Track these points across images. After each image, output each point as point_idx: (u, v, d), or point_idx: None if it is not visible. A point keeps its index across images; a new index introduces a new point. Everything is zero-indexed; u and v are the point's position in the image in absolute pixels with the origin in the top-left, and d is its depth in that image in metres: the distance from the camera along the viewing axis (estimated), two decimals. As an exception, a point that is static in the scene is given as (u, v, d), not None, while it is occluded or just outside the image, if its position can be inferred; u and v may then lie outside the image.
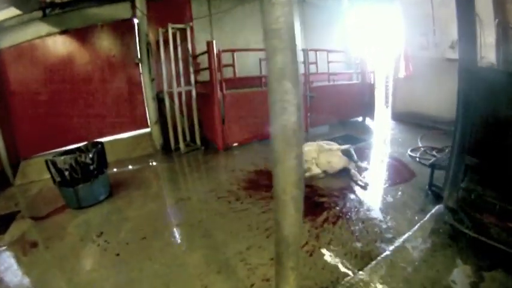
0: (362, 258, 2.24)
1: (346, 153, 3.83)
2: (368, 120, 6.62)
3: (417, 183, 3.47)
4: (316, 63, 5.89)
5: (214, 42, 4.55)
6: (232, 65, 4.95)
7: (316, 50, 5.84)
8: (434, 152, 4.28)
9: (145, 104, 5.01)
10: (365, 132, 5.92)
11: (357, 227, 2.65)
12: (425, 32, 5.33)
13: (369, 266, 2.07)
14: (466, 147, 2.50)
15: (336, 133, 5.77)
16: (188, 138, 5.28)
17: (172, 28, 4.61)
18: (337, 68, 7.06)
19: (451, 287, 1.85)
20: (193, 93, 4.98)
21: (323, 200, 3.15)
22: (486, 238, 2.17)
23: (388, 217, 2.79)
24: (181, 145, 4.98)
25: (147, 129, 5.08)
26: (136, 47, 4.92)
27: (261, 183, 3.67)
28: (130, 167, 4.58)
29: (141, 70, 4.96)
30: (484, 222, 2.34)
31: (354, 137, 5.51)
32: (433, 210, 2.65)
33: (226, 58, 4.85)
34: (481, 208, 2.40)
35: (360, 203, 3.07)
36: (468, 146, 2.49)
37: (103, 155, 3.47)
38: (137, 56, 4.90)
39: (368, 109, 6.51)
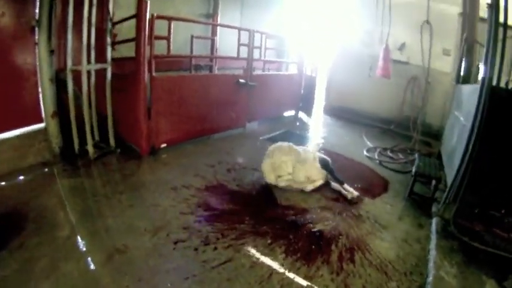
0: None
1: (322, 162, 3.27)
2: (302, 115, 6.30)
3: (395, 191, 3.33)
4: (260, 47, 5.09)
5: (148, 2, 3.11)
6: (167, 39, 3.60)
7: (261, 33, 5.01)
8: (388, 153, 4.28)
9: (40, 87, 3.03)
10: (304, 128, 5.58)
11: (378, 260, 2.18)
12: (370, 29, 5.28)
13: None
14: (477, 167, 2.42)
15: (275, 130, 5.19)
16: (97, 137, 3.68)
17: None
18: (271, 56, 6.47)
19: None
20: (109, 73, 3.41)
21: (319, 227, 2.51)
22: (490, 248, 2.17)
23: (398, 240, 2.49)
24: (90, 148, 3.39)
25: (41, 125, 3.13)
26: (35, 2, 2.86)
27: (225, 208, 2.65)
28: (18, 184, 2.73)
29: (37, 37, 2.93)
30: (478, 231, 2.36)
31: (297, 135, 5.06)
32: (433, 226, 2.57)
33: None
34: (472, 218, 2.46)
35: (360, 224, 2.62)
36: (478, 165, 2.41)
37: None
38: (35, 17, 2.87)
39: (304, 103, 6.21)
